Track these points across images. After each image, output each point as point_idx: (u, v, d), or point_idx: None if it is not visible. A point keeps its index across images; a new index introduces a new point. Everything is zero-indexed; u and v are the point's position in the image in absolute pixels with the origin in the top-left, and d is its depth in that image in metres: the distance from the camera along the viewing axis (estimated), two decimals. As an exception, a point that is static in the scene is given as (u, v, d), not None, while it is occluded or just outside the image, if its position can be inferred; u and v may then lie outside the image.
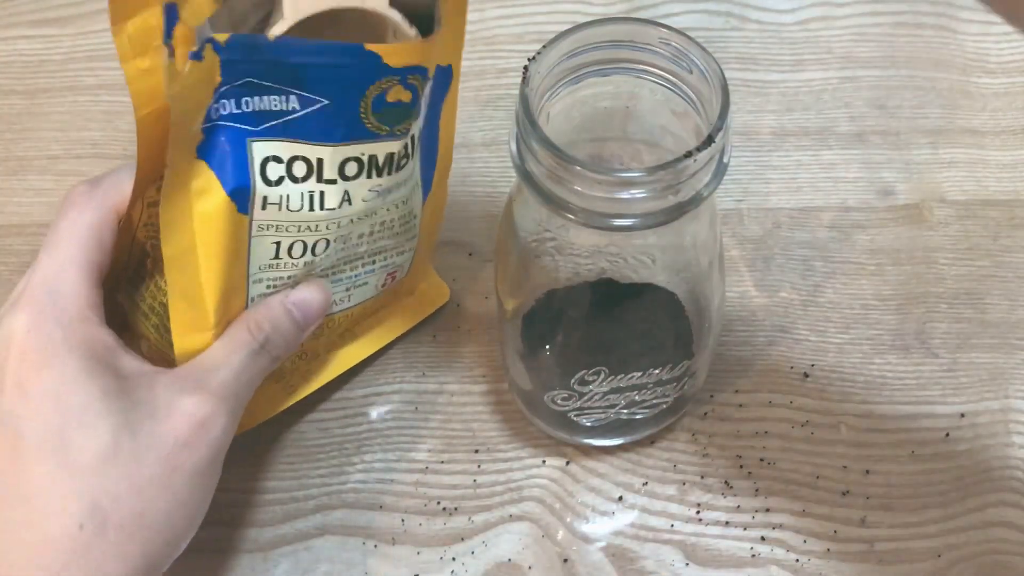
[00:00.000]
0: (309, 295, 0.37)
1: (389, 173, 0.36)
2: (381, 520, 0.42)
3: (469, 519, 0.42)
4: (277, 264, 0.36)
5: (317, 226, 0.35)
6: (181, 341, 0.35)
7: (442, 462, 0.44)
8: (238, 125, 0.32)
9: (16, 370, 0.32)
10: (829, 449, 0.44)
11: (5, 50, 0.57)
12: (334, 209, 0.35)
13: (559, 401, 0.40)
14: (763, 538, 0.42)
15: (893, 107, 0.53)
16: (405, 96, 0.34)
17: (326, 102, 0.33)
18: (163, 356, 0.37)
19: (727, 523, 0.42)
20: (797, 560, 0.41)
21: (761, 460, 0.43)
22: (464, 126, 0.52)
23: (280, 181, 0.34)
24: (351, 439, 0.44)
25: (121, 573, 0.32)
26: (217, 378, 0.34)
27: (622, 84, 0.35)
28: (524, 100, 0.31)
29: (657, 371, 0.38)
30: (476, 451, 0.44)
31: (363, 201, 0.36)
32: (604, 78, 0.34)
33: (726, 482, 0.43)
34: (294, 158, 0.33)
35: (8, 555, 0.31)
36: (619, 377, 0.38)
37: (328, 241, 0.36)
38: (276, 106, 0.32)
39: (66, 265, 0.34)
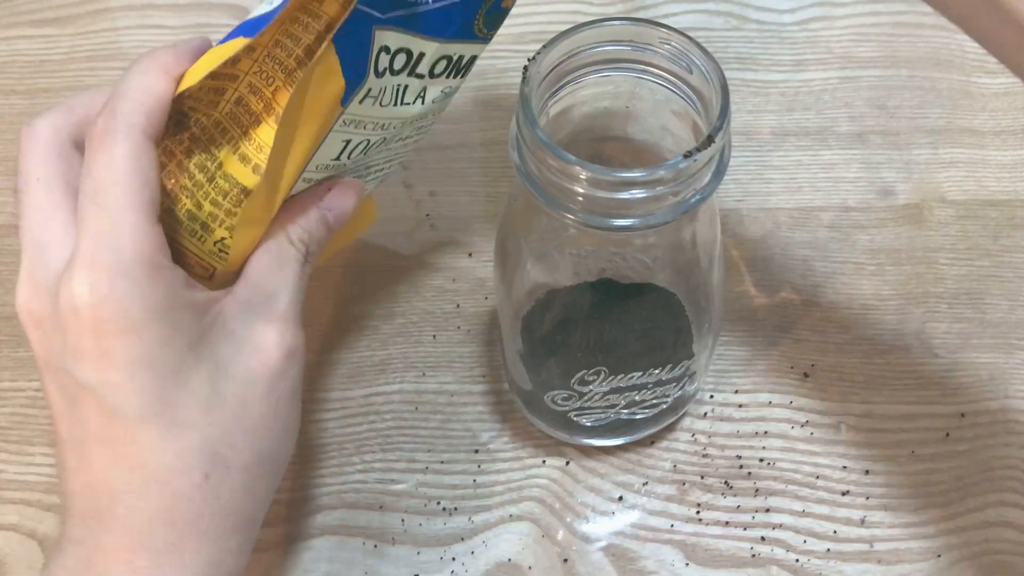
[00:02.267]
0: (344, 201, 0.36)
1: (462, 76, 0.35)
2: (381, 520, 0.42)
3: (469, 519, 0.42)
4: (331, 165, 0.34)
5: (386, 124, 0.34)
6: (242, 231, 0.33)
7: (442, 462, 0.44)
8: (369, 10, 0.31)
9: (95, 339, 0.30)
10: (829, 449, 0.44)
11: (5, 50, 0.57)
12: (408, 105, 0.34)
13: (559, 401, 0.40)
14: (763, 538, 0.42)
15: (893, 107, 0.53)
16: (511, 1, 0.34)
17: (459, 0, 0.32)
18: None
19: (727, 523, 0.42)
20: (797, 560, 0.41)
21: (761, 460, 0.43)
22: (464, 126, 0.52)
23: (383, 73, 0.32)
24: (351, 439, 0.44)
25: (253, 507, 0.33)
26: (282, 302, 0.33)
27: (622, 84, 0.35)
28: (524, 100, 0.31)
29: (657, 371, 0.38)
30: (476, 451, 0.44)
31: (432, 102, 0.35)
32: (604, 78, 0.34)
33: (726, 482, 0.43)
34: (399, 50, 0.32)
35: (133, 522, 0.30)
36: (619, 377, 0.38)
37: (384, 140, 0.35)
38: None
39: (121, 212, 0.30)
